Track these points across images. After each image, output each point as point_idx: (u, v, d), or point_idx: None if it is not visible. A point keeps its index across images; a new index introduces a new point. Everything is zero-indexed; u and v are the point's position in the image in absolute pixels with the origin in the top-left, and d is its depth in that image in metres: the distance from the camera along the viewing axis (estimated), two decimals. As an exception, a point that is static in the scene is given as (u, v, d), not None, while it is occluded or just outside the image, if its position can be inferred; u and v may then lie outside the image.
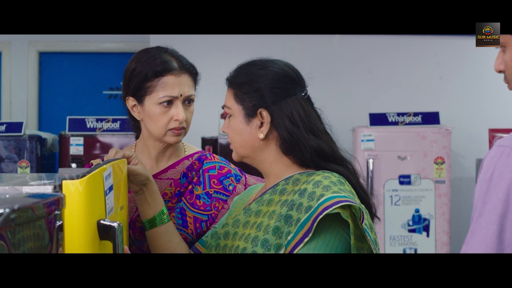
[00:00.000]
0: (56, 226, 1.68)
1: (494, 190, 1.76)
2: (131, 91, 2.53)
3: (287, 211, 2.14)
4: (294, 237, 2.09)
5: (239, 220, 2.28)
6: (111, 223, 1.89)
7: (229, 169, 2.65)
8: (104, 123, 6.19)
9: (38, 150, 6.16)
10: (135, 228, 2.51)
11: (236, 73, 2.38)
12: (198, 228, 2.54)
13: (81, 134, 6.17)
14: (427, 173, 5.97)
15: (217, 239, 2.33)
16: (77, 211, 1.76)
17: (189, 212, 2.55)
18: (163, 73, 2.49)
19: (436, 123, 6.11)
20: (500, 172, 1.76)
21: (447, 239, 5.92)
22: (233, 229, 2.28)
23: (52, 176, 1.86)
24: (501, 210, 1.74)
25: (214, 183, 2.60)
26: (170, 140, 2.53)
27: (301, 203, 2.13)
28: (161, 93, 2.48)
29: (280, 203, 2.19)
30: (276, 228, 2.13)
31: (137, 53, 2.58)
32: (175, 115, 2.50)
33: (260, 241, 2.15)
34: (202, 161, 2.64)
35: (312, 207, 2.09)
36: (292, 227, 2.11)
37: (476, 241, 1.75)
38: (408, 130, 6.05)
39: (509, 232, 1.73)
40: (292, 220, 2.12)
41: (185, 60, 2.57)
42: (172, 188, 2.57)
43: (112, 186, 2.04)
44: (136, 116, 2.57)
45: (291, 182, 2.24)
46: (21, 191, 1.72)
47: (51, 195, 1.68)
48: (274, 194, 2.25)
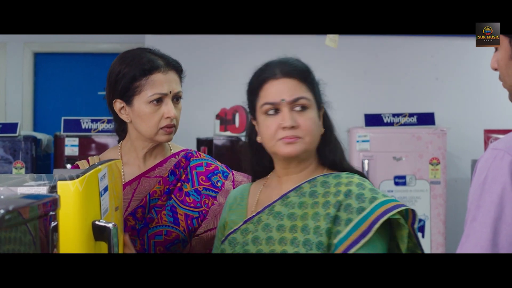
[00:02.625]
0: (51, 227, 1.68)
1: (487, 193, 1.76)
2: (118, 93, 2.53)
3: (335, 212, 2.14)
4: (348, 237, 2.10)
5: (269, 225, 2.23)
6: (106, 224, 1.89)
7: (216, 166, 2.66)
8: (99, 123, 6.19)
9: (33, 151, 6.16)
10: (127, 227, 2.50)
11: (296, 64, 2.30)
12: (189, 225, 2.55)
13: (76, 135, 6.16)
14: (422, 174, 5.98)
15: (243, 245, 2.25)
16: (72, 212, 1.76)
17: (180, 210, 2.56)
18: (151, 71, 2.49)
19: (432, 124, 6.12)
20: (494, 176, 1.76)
21: (442, 240, 5.92)
22: (265, 233, 2.23)
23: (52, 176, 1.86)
24: (495, 213, 1.74)
25: (203, 180, 2.61)
26: (162, 139, 2.53)
27: (349, 203, 2.14)
28: (150, 92, 2.48)
29: (320, 206, 2.18)
30: (328, 229, 2.13)
31: (119, 56, 2.58)
32: (165, 112, 2.50)
33: (314, 243, 2.12)
34: (189, 158, 2.65)
35: (365, 208, 2.11)
36: (342, 226, 2.12)
37: (470, 244, 1.75)
38: (404, 131, 6.06)
39: (503, 235, 1.73)
40: (340, 221, 2.13)
41: (169, 57, 2.57)
42: (161, 186, 2.57)
43: (107, 187, 2.03)
44: (124, 119, 2.56)
45: (319, 184, 2.24)
46: (16, 192, 1.71)
47: (46, 196, 1.68)
48: (304, 197, 2.23)
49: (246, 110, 6.19)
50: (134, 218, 2.53)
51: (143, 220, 2.54)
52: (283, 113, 2.21)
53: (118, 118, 2.60)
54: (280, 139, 2.20)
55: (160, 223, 2.53)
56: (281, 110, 2.21)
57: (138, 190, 2.56)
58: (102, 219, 1.94)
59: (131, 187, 2.56)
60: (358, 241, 2.08)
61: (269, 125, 2.22)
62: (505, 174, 1.75)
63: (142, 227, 2.53)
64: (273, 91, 2.24)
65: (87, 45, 7.65)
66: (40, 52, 7.77)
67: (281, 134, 2.20)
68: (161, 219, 2.54)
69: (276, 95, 2.23)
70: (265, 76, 2.27)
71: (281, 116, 2.21)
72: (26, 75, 7.71)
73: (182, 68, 2.59)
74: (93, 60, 7.66)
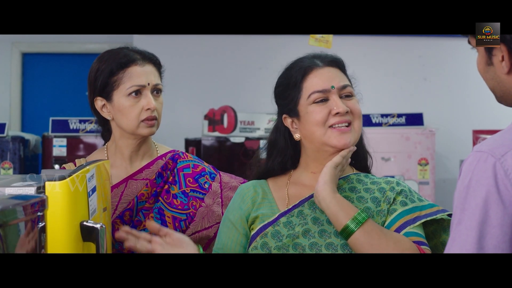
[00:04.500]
0: (38, 227, 1.67)
1: (472, 196, 1.76)
2: (98, 90, 2.55)
3: (388, 206, 2.24)
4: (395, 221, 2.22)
5: (318, 218, 2.25)
6: (94, 224, 1.89)
7: (203, 167, 2.66)
8: (87, 124, 6.17)
9: (21, 151, 6.14)
10: (114, 230, 2.49)
11: (332, 55, 2.36)
12: (177, 228, 2.55)
13: (64, 135, 6.15)
14: (411, 174, 5.99)
15: (293, 238, 2.23)
16: (60, 213, 1.75)
17: (167, 212, 2.56)
18: (128, 64, 2.52)
19: (420, 124, 6.13)
20: (478, 178, 1.76)
21: (430, 240, 5.93)
22: (317, 227, 2.24)
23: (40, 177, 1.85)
24: (480, 216, 1.74)
25: (190, 182, 2.61)
26: (144, 132, 2.54)
27: (401, 200, 2.25)
28: (128, 84, 2.51)
29: (368, 201, 2.27)
30: (383, 223, 2.22)
31: (99, 56, 2.61)
32: (145, 104, 2.51)
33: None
34: (176, 160, 2.65)
35: (408, 204, 2.24)
36: (398, 208, 2.24)
37: (456, 247, 1.76)
38: (392, 131, 6.06)
39: (488, 238, 1.73)
40: (395, 209, 2.24)
41: (146, 51, 2.60)
42: (148, 188, 2.57)
43: (95, 188, 2.03)
44: (106, 116, 2.57)
45: (355, 181, 2.33)
46: (4, 192, 1.71)
47: (33, 197, 1.67)
48: (345, 192, 2.28)
49: (234, 111, 6.22)
50: (122, 221, 2.53)
51: (131, 223, 2.54)
52: (333, 100, 2.25)
53: (101, 118, 2.61)
54: (332, 126, 2.23)
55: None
56: (329, 98, 2.25)
57: (126, 193, 2.56)
58: (90, 220, 1.93)
59: (118, 190, 2.56)
60: (404, 226, 2.21)
61: (319, 112, 2.24)
62: (489, 176, 1.75)
63: (130, 230, 2.52)
64: (321, 79, 2.27)
65: (75, 45, 7.64)
66: (28, 52, 7.74)
67: (332, 120, 2.23)
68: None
69: (325, 82, 2.26)
70: (307, 67, 2.29)
71: (332, 103, 2.24)
72: (14, 75, 7.69)
73: (159, 62, 2.62)
74: (81, 60, 7.64)
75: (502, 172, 1.75)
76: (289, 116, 2.32)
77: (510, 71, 1.85)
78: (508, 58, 1.84)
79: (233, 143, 5.98)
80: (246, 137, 6.02)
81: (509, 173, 1.74)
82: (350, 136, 2.25)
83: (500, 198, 1.73)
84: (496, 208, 1.73)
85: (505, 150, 1.77)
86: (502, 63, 1.85)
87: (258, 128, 6.11)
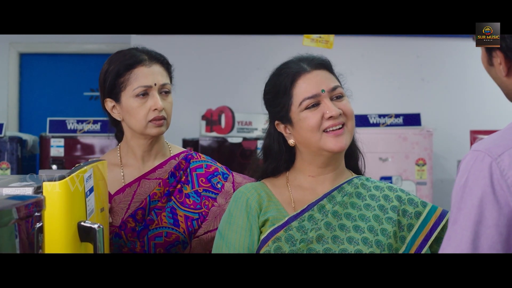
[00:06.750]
0: (36, 228, 1.67)
1: (468, 196, 1.76)
2: (107, 91, 2.57)
3: (397, 216, 2.27)
4: (413, 242, 2.25)
5: (330, 223, 2.24)
6: (92, 224, 1.89)
7: (216, 168, 2.68)
8: (85, 124, 6.17)
9: (19, 151, 6.13)
10: (127, 229, 2.51)
11: (319, 57, 2.36)
12: (189, 227, 2.56)
13: (62, 136, 6.14)
14: (408, 174, 5.98)
15: (307, 243, 2.21)
16: (57, 213, 1.75)
17: (180, 211, 2.57)
18: (134, 65, 2.54)
19: (418, 125, 6.13)
20: (474, 178, 1.76)
21: (428, 241, 5.92)
22: (329, 232, 2.23)
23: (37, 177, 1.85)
24: (475, 216, 1.73)
25: (203, 182, 2.62)
26: (152, 132, 2.55)
27: (406, 209, 2.29)
28: (135, 84, 2.53)
29: (376, 208, 2.28)
30: (394, 233, 2.24)
31: (109, 57, 2.63)
32: (152, 105, 2.53)
33: (386, 245, 2.22)
34: (189, 160, 2.66)
35: (422, 213, 2.28)
36: (405, 232, 2.26)
37: (451, 247, 1.75)
38: (390, 132, 6.06)
39: (483, 238, 1.72)
40: (403, 226, 2.26)
41: (153, 51, 2.62)
42: (161, 188, 2.58)
43: (92, 188, 2.03)
44: (116, 117, 2.60)
45: (360, 185, 2.33)
46: (1, 193, 1.71)
47: (31, 197, 1.67)
48: (352, 198, 2.29)
49: (232, 111, 6.22)
50: (134, 220, 2.54)
51: (143, 222, 2.55)
52: (325, 104, 2.24)
53: (113, 120, 2.64)
54: (326, 130, 2.23)
55: (160, 225, 2.54)
56: (321, 102, 2.24)
57: (138, 192, 2.57)
58: (88, 220, 1.93)
59: (131, 189, 2.58)
60: (424, 245, 2.24)
61: (312, 117, 2.23)
62: (485, 176, 1.75)
63: (142, 229, 2.54)
64: (310, 84, 2.26)
65: (72, 46, 7.63)
66: (26, 52, 7.73)
67: (326, 123, 2.23)
68: (161, 220, 2.55)
69: (314, 87, 2.25)
70: (295, 73, 2.28)
71: (324, 106, 2.24)
72: (12, 75, 7.68)
73: (167, 61, 2.63)
74: (79, 60, 7.63)
75: (498, 172, 1.74)
76: (281, 123, 2.31)
77: (508, 75, 1.85)
78: (504, 64, 1.84)
79: (230, 144, 5.97)
80: (244, 138, 6.02)
81: (505, 173, 1.74)
82: (345, 138, 2.26)
83: (496, 199, 1.73)
84: (491, 209, 1.73)
85: (502, 150, 1.76)
86: (500, 66, 1.85)
87: (255, 128, 6.11)
